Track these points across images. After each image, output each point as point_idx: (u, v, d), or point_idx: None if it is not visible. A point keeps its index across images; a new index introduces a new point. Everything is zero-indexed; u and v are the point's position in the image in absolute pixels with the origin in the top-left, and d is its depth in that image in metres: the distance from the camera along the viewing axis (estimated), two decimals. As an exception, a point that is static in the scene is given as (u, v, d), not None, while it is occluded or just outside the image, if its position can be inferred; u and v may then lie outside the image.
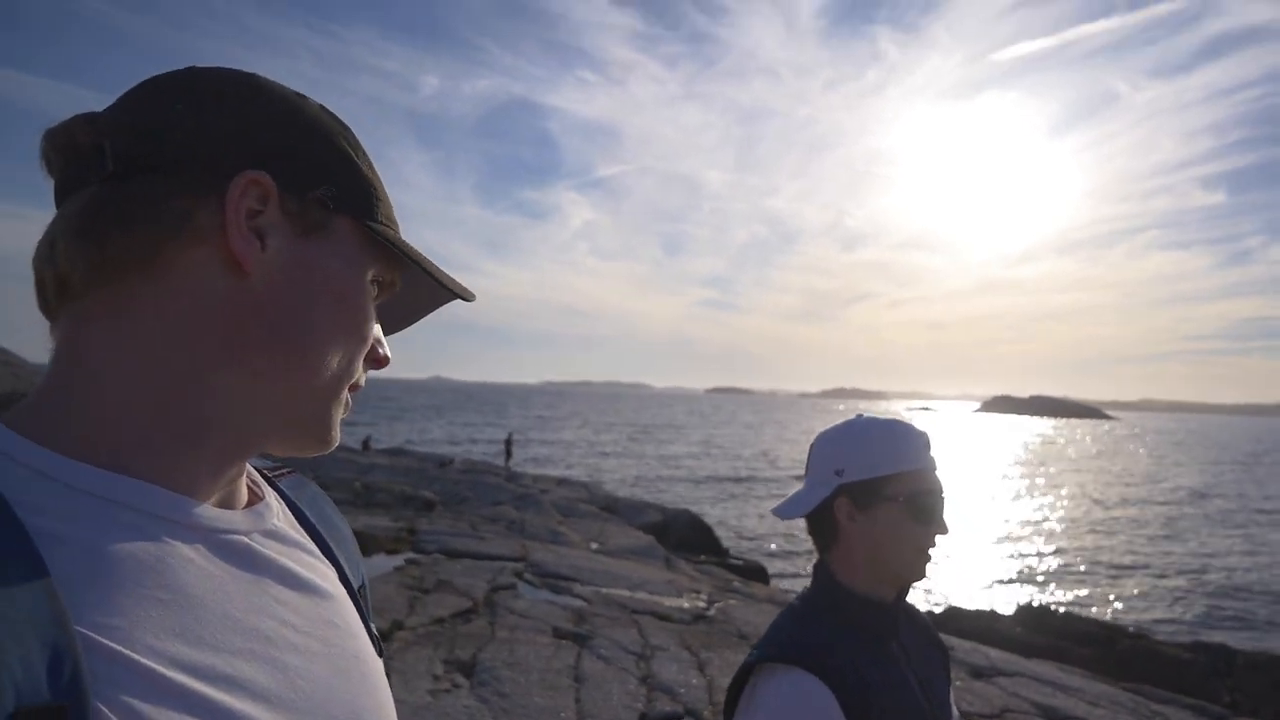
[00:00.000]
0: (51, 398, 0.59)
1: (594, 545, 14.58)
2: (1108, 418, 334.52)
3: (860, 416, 1.55)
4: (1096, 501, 40.23)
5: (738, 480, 41.11)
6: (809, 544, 1.53)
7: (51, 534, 0.53)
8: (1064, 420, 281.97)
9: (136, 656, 0.51)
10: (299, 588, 0.66)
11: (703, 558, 17.12)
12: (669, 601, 9.81)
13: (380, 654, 0.75)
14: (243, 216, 0.61)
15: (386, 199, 0.72)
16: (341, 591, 0.73)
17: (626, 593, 9.85)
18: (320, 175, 0.65)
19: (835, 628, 1.40)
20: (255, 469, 0.77)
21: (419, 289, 0.78)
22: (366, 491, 17.52)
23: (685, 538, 18.88)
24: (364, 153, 0.71)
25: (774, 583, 16.71)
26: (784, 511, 1.52)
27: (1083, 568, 23.70)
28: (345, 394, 0.70)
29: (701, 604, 9.95)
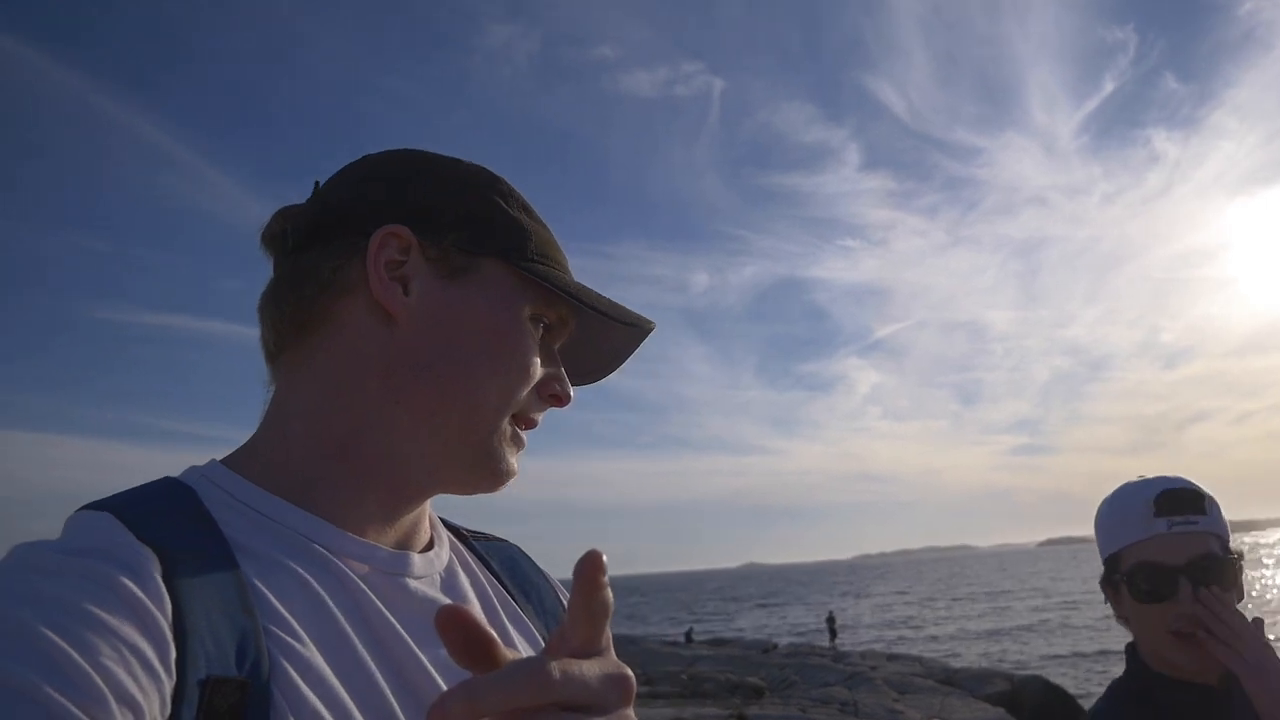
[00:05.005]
0: (255, 441, 0.72)
1: (937, 721, 13.58)
2: None
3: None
4: None
5: (1091, 642, 36.36)
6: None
7: (240, 544, 0.63)
8: None
9: (304, 652, 0.59)
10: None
11: (1066, 729, 15.27)
12: (1032, 775, 8.90)
13: None
14: (382, 267, 0.69)
15: (548, 243, 0.75)
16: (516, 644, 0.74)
17: (981, 768, 9.09)
18: (461, 223, 0.71)
19: (1142, 714, 1.36)
20: (454, 526, 0.83)
21: (613, 333, 0.79)
22: (693, 682, 17.67)
23: (1041, 707, 16.92)
24: (519, 202, 0.75)
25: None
26: None
27: None
28: (507, 426, 0.71)
29: (1071, 777, 8.93)
